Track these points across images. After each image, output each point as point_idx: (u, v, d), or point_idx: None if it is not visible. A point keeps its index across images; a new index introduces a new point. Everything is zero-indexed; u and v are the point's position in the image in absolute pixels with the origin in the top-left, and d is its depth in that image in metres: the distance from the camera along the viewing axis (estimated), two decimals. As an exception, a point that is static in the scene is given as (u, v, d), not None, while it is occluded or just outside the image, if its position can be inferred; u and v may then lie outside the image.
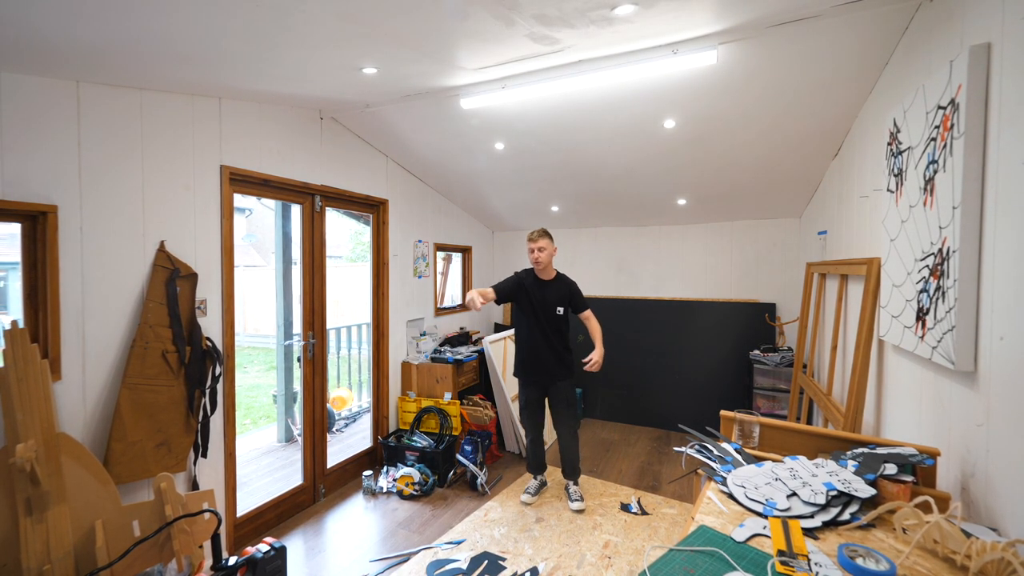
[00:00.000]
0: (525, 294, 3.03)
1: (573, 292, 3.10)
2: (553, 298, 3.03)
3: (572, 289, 3.10)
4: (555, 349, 3.05)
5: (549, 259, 3.00)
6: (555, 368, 3.06)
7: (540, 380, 3.09)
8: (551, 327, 3.04)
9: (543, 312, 3.02)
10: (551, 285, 3.07)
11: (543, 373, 3.07)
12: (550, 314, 3.02)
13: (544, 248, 2.97)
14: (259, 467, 3.74)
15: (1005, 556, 0.87)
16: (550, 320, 3.03)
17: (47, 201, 1.87)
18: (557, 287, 3.07)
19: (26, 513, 1.72)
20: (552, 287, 3.06)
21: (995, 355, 1.16)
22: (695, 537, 1.08)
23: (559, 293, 3.05)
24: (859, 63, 2.08)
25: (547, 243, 2.98)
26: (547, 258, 2.99)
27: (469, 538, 2.72)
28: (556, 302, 3.03)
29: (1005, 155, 1.14)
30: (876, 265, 1.97)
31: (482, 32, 1.89)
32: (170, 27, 1.66)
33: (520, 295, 3.04)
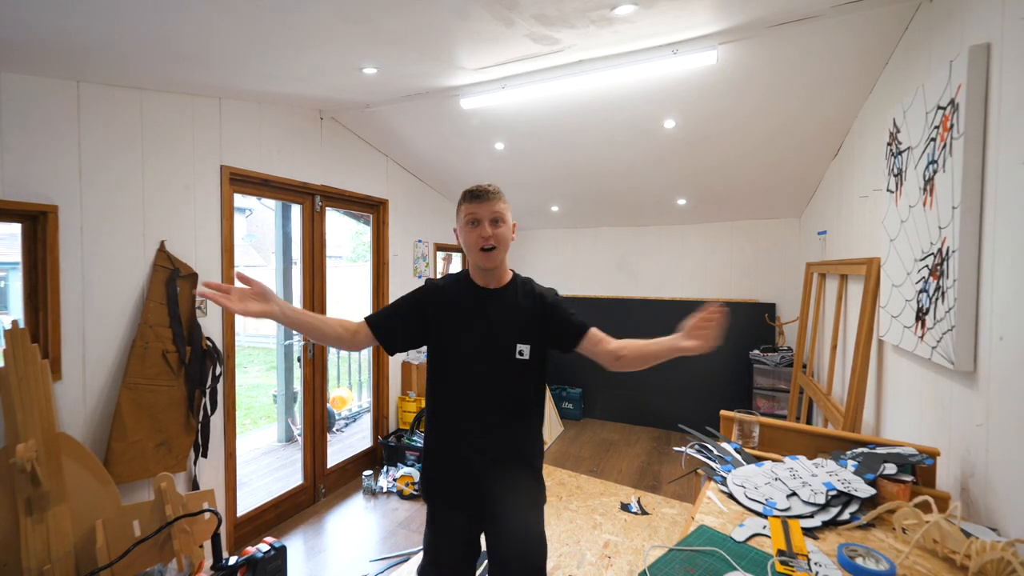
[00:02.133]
0: (443, 322, 1.44)
1: (553, 309, 1.45)
2: (510, 324, 1.42)
3: (549, 303, 1.46)
4: (510, 440, 1.43)
5: (507, 247, 1.44)
6: (508, 481, 1.42)
7: (470, 508, 1.44)
8: (504, 389, 1.41)
9: (487, 355, 1.41)
10: (504, 298, 1.45)
11: (476, 494, 1.42)
12: (502, 359, 1.41)
13: (502, 219, 1.42)
14: (259, 467, 3.74)
15: (1005, 556, 0.88)
16: (501, 373, 1.41)
17: (47, 201, 1.87)
18: (517, 302, 1.45)
19: (26, 513, 1.73)
20: (507, 301, 1.45)
21: (994, 355, 1.16)
22: (695, 537, 1.08)
23: (522, 314, 1.43)
24: (859, 63, 2.08)
25: (505, 210, 1.43)
26: (505, 244, 1.42)
27: (469, 538, 2.72)
28: (517, 333, 1.42)
29: (1005, 155, 1.14)
30: (876, 265, 1.97)
31: (482, 32, 1.89)
32: (170, 27, 1.66)
33: (430, 326, 1.45)
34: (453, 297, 1.46)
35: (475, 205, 1.39)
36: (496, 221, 1.39)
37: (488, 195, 1.39)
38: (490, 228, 1.38)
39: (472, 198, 1.39)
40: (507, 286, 1.47)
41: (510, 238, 1.43)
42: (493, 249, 1.38)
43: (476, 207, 1.38)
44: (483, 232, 1.37)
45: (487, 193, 1.39)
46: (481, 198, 1.38)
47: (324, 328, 1.36)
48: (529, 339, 1.41)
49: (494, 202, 1.39)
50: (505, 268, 1.49)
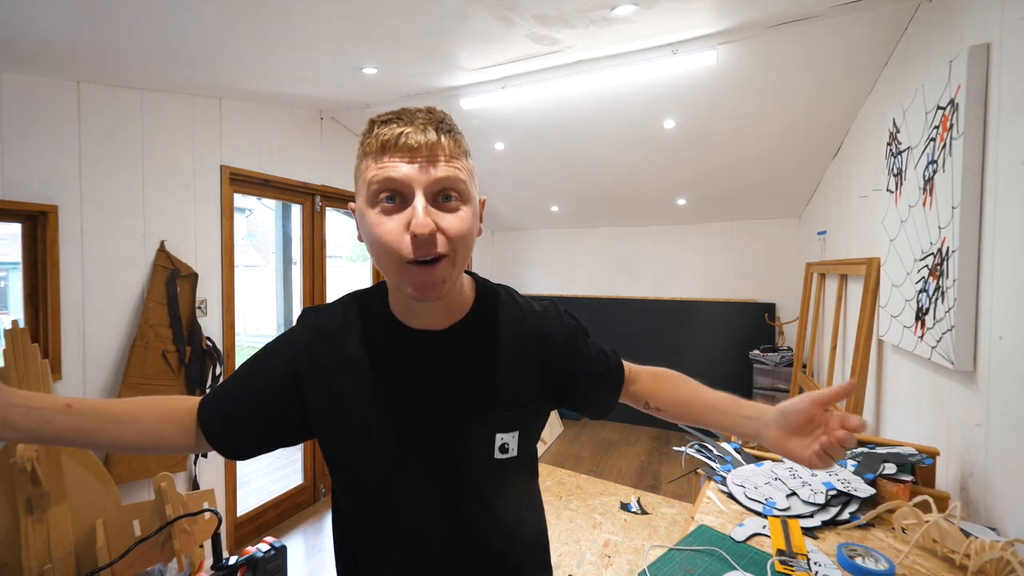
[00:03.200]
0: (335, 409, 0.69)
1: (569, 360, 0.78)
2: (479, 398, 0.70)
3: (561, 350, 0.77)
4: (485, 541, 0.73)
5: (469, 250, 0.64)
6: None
7: None
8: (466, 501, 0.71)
9: (439, 450, 0.69)
10: (463, 347, 0.70)
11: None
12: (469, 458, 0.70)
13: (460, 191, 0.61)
14: (259, 466, 3.74)
15: (1004, 555, 0.88)
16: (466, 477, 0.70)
17: (47, 201, 1.87)
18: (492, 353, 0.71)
19: (27, 513, 1.73)
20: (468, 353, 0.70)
21: (994, 355, 1.16)
22: (695, 536, 1.08)
23: (504, 375, 0.71)
24: (858, 63, 2.08)
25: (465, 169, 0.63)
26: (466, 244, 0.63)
27: (469, 538, 2.72)
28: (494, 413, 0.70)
29: (1004, 155, 1.14)
30: (875, 265, 1.97)
31: (482, 32, 1.89)
32: (171, 27, 1.66)
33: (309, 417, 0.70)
34: (348, 354, 0.70)
35: (396, 161, 0.60)
36: (448, 195, 0.61)
37: (428, 133, 0.60)
38: (430, 214, 0.59)
39: (389, 143, 0.60)
40: (466, 320, 0.72)
41: (475, 233, 0.66)
42: (437, 261, 0.61)
43: (396, 165, 0.60)
44: (417, 223, 0.58)
45: (424, 128, 0.60)
46: (411, 139, 0.60)
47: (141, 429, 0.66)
48: (518, 421, 0.72)
49: (440, 150, 0.61)
50: (460, 286, 0.72)
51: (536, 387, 0.74)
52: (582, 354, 0.80)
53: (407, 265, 0.60)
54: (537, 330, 0.76)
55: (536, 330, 0.76)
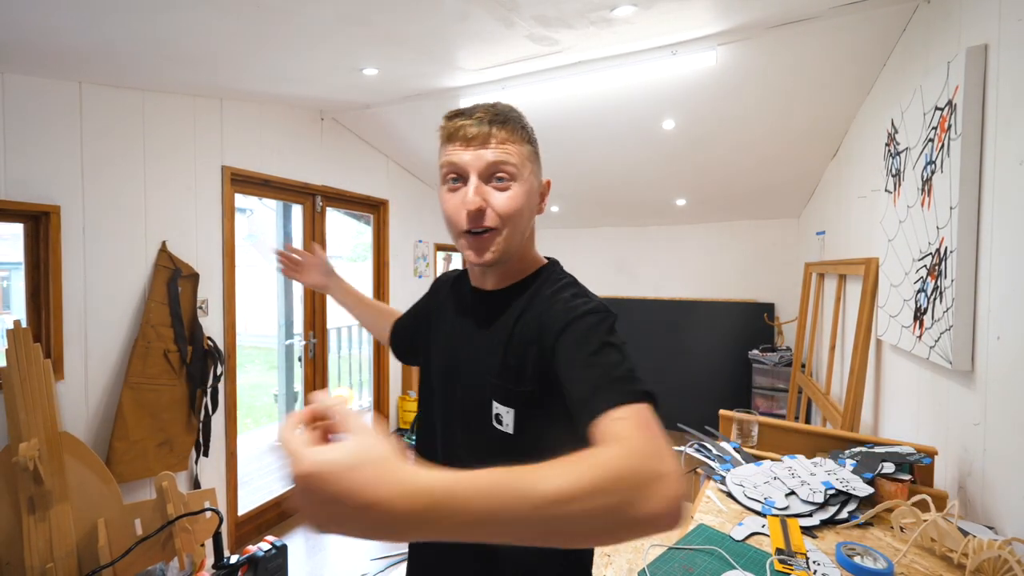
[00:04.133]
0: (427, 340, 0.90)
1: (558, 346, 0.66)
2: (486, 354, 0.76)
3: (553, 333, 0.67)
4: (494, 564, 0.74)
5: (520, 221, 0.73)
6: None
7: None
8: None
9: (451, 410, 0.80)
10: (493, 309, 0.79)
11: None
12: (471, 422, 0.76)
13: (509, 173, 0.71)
14: (260, 466, 3.74)
15: (1002, 554, 0.88)
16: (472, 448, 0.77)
17: (49, 201, 1.87)
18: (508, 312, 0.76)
19: (29, 512, 1.73)
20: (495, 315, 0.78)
21: (992, 355, 1.17)
22: (694, 535, 1.08)
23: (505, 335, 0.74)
24: (857, 64, 2.09)
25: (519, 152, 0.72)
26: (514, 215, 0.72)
27: (469, 537, 2.72)
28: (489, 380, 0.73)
29: (1002, 156, 1.15)
30: (874, 265, 1.98)
31: (482, 33, 1.90)
32: (172, 28, 1.66)
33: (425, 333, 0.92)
34: (447, 301, 0.90)
35: (458, 148, 0.71)
36: (499, 176, 0.71)
37: (482, 125, 0.70)
38: (480, 191, 0.70)
39: (454, 133, 0.71)
40: (505, 290, 0.79)
41: (531, 214, 0.75)
42: (487, 233, 0.71)
43: (459, 152, 0.71)
44: (469, 202, 0.69)
45: (481, 121, 0.70)
46: (468, 130, 0.70)
47: (363, 314, 1.16)
48: (512, 397, 0.71)
49: (492, 138, 0.70)
50: (525, 255, 0.80)
51: (536, 373, 0.70)
52: (578, 343, 0.64)
53: (464, 234, 0.73)
54: (537, 314, 0.72)
55: (536, 314, 0.72)
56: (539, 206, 0.79)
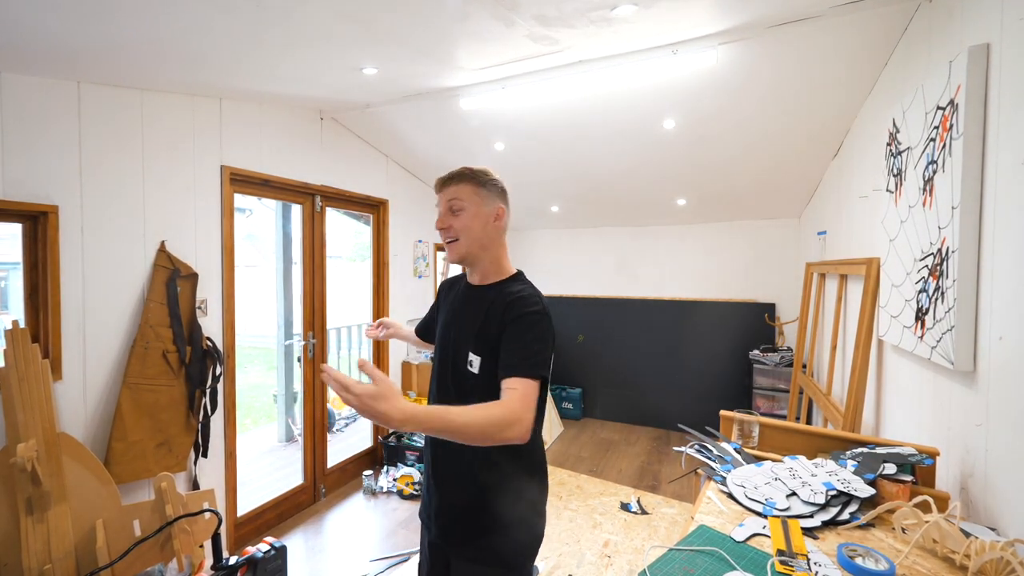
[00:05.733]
0: (444, 309, 1.38)
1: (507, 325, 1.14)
2: (467, 327, 1.24)
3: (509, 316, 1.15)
4: (459, 462, 1.22)
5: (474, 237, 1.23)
6: (461, 515, 1.22)
7: (433, 533, 1.28)
8: (458, 398, 1.22)
9: (444, 361, 1.28)
10: (478, 298, 1.27)
11: (437, 518, 1.26)
12: (453, 367, 1.25)
13: (460, 206, 1.22)
14: (260, 467, 3.74)
15: (1004, 555, 0.88)
16: (451, 383, 1.25)
17: (48, 201, 1.87)
18: (486, 304, 1.23)
19: (27, 513, 1.73)
20: (478, 302, 1.26)
21: (994, 355, 1.16)
22: (695, 536, 1.08)
23: (483, 319, 1.21)
24: (859, 63, 2.08)
25: (467, 194, 1.22)
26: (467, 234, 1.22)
27: (469, 538, 2.72)
28: (469, 339, 1.22)
29: (1004, 155, 1.14)
30: (875, 265, 1.97)
31: (482, 32, 1.89)
32: (171, 28, 1.66)
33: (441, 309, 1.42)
34: (453, 291, 1.39)
35: (438, 192, 1.26)
36: (453, 209, 1.21)
37: (447, 179, 1.22)
38: (446, 217, 1.22)
39: (436, 184, 1.27)
40: (492, 285, 1.26)
41: (481, 227, 1.21)
42: (454, 241, 1.22)
43: (438, 193, 1.25)
44: (438, 222, 1.24)
45: (447, 177, 1.23)
46: (440, 183, 1.24)
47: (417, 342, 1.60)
48: (481, 350, 1.16)
49: (452, 187, 1.21)
50: (496, 265, 1.27)
51: (495, 337, 1.15)
52: (517, 328, 1.12)
53: (444, 243, 1.26)
54: (506, 301, 1.18)
55: (505, 301, 1.18)
56: (494, 225, 1.25)
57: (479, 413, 0.95)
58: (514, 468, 1.20)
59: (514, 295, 1.18)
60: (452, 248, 1.23)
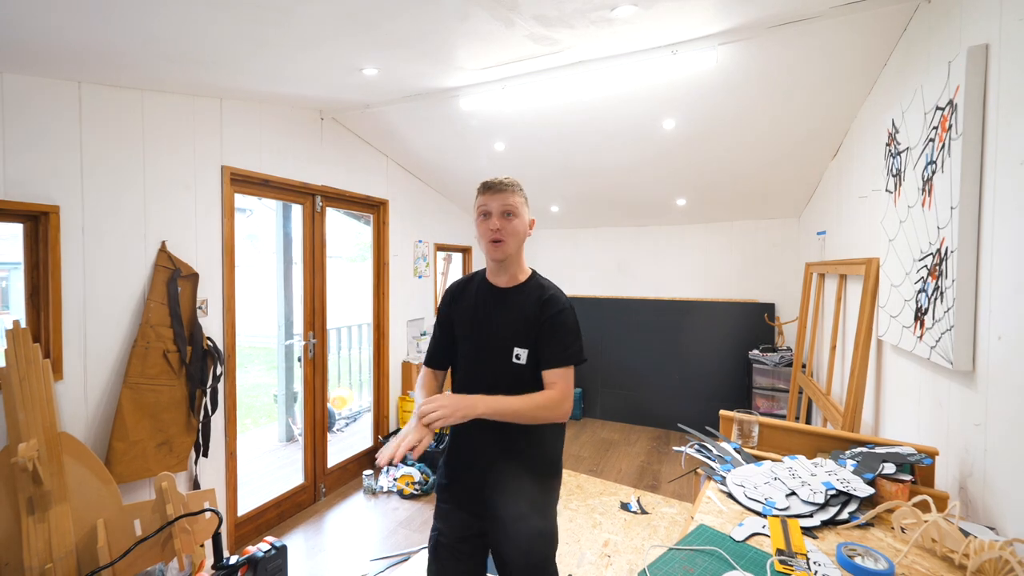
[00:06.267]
0: (456, 322, 1.49)
1: (544, 323, 1.35)
2: (510, 325, 1.38)
3: (547, 315, 1.36)
4: (505, 441, 1.38)
5: (519, 241, 1.40)
6: (505, 484, 1.39)
7: (469, 506, 1.43)
8: (499, 391, 1.31)
9: (487, 355, 1.41)
10: (511, 298, 1.42)
11: (478, 496, 1.41)
12: (500, 360, 1.38)
13: (514, 212, 1.37)
14: (260, 466, 3.74)
15: (1003, 555, 0.88)
16: (498, 374, 1.38)
17: (49, 201, 1.87)
18: (523, 303, 1.40)
19: (28, 512, 1.73)
20: (513, 301, 1.41)
21: (993, 355, 1.16)
22: (694, 536, 1.08)
23: (524, 316, 1.38)
24: (858, 64, 2.09)
25: (519, 203, 1.39)
26: (515, 237, 1.38)
27: (469, 537, 2.72)
28: (515, 335, 1.37)
29: (1003, 156, 1.15)
30: (875, 265, 1.97)
31: (482, 33, 1.89)
32: (171, 28, 1.66)
33: (451, 320, 1.50)
34: (465, 296, 1.50)
35: (487, 196, 1.37)
36: (507, 214, 1.36)
37: (501, 187, 1.37)
38: (499, 221, 1.36)
39: (485, 189, 1.39)
40: (520, 287, 1.43)
41: (524, 232, 1.41)
42: (501, 242, 1.36)
43: (488, 199, 1.37)
44: (491, 224, 1.35)
45: (500, 184, 1.37)
46: (493, 189, 1.37)
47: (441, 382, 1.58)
48: (526, 343, 1.37)
49: (507, 194, 1.37)
50: (519, 266, 1.45)
51: (533, 327, 1.36)
52: (550, 326, 1.35)
53: (490, 243, 1.37)
54: (544, 300, 1.38)
55: (544, 300, 1.38)
56: (528, 232, 1.43)
57: (534, 397, 1.29)
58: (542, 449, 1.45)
59: (546, 295, 1.39)
60: (498, 248, 1.36)
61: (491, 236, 1.36)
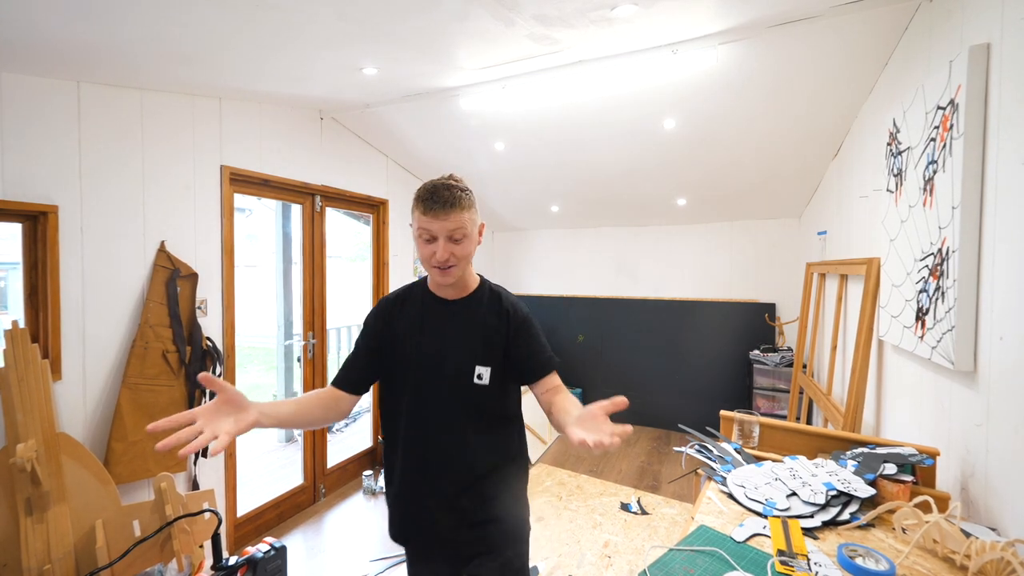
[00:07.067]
0: (394, 340, 1.24)
1: (518, 330, 1.23)
2: (467, 341, 1.21)
3: (517, 321, 1.24)
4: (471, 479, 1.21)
5: (470, 259, 1.21)
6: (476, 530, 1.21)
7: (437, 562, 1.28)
8: (459, 419, 1.20)
9: (439, 378, 1.20)
10: (463, 311, 1.24)
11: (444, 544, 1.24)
12: (456, 383, 1.19)
13: (464, 234, 1.14)
14: (259, 467, 3.74)
15: (1004, 556, 0.88)
16: (455, 399, 1.20)
17: (48, 201, 1.87)
18: (478, 315, 1.24)
19: (27, 513, 1.73)
20: (467, 314, 1.24)
21: (994, 355, 1.16)
22: (695, 537, 1.08)
23: (483, 330, 1.22)
24: (859, 63, 2.08)
25: (469, 220, 1.15)
26: (466, 259, 1.18)
27: (469, 538, 2.71)
28: (474, 353, 1.20)
29: (1004, 155, 1.14)
30: (876, 265, 1.97)
31: (482, 32, 1.89)
32: (171, 27, 1.66)
33: (387, 342, 1.25)
34: (406, 313, 1.25)
35: (429, 220, 1.09)
36: (456, 239, 1.12)
37: (446, 207, 1.08)
38: (447, 247, 1.11)
39: (426, 209, 1.09)
40: (471, 296, 1.24)
41: (474, 249, 1.19)
42: (450, 268, 1.14)
43: (430, 223, 1.10)
44: (438, 253, 1.11)
45: (444, 204, 1.08)
46: (436, 210, 1.08)
47: (307, 417, 1.14)
48: (490, 360, 1.19)
49: (454, 214, 1.09)
50: (469, 276, 1.25)
51: (500, 340, 1.21)
52: (525, 330, 1.24)
53: (433, 268, 1.15)
54: (506, 308, 1.24)
55: (505, 308, 1.24)
56: (478, 240, 1.20)
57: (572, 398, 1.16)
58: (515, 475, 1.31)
59: (506, 304, 1.27)
60: (449, 274, 1.15)
61: (437, 263, 1.13)
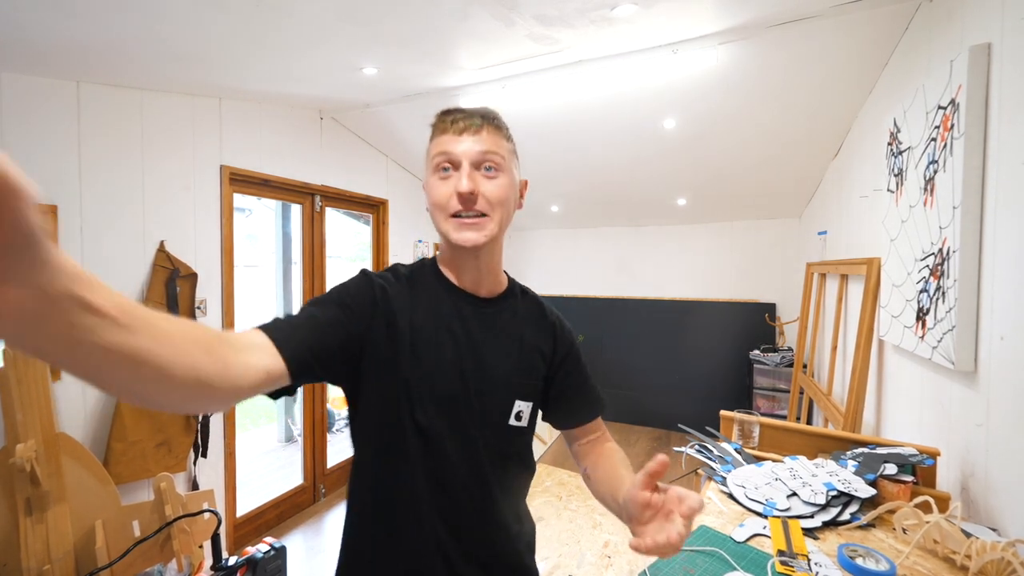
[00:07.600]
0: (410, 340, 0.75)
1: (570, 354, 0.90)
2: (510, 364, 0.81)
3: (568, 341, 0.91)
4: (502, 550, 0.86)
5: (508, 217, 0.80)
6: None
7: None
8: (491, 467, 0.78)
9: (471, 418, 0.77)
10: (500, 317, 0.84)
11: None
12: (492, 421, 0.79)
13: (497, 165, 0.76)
14: (259, 467, 3.74)
15: (1005, 556, 0.87)
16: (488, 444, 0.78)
17: (47, 201, 1.86)
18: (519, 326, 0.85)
19: (26, 513, 1.72)
20: (505, 323, 0.84)
21: (995, 355, 1.16)
22: (695, 537, 1.08)
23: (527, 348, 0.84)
24: (859, 63, 2.08)
25: (504, 147, 0.79)
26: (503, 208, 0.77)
27: (469, 538, 2.71)
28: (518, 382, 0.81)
29: (1005, 155, 1.14)
30: (876, 265, 1.97)
31: (482, 32, 1.89)
32: (170, 27, 1.66)
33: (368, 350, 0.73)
34: (420, 300, 0.79)
35: (450, 138, 0.75)
36: (489, 166, 0.75)
37: (475, 120, 0.76)
38: (473, 176, 0.74)
39: (447, 125, 0.76)
40: (505, 299, 0.86)
41: (515, 203, 0.82)
42: (479, 218, 0.75)
43: (450, 142, 0.75)
44: (460, 184, 0.73)
45: (472, 117, 0.76)
46: (462, 125, 0.75)
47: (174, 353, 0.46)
48: (530, 394, 0.83)
49: (485, 133, 0.76)
50: (500, 265, 0.86)
51: (544, 364, 0.86)
52: (579, 359, 0.92)
53: (453, 217, 0.75)
54: (554, 319, 0.91)
55: (553, 319, 0.91)
56: (518, 202, 0.85)
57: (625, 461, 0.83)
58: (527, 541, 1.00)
59: (550, 313, 0.90)
60: (478, 227, 0.74)
61: (458, 205, 0.74)
